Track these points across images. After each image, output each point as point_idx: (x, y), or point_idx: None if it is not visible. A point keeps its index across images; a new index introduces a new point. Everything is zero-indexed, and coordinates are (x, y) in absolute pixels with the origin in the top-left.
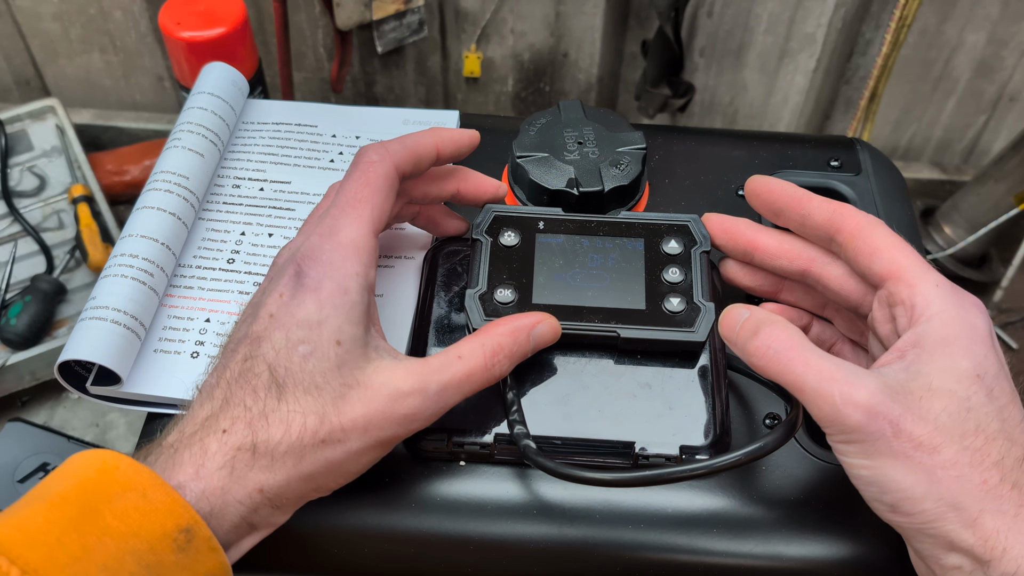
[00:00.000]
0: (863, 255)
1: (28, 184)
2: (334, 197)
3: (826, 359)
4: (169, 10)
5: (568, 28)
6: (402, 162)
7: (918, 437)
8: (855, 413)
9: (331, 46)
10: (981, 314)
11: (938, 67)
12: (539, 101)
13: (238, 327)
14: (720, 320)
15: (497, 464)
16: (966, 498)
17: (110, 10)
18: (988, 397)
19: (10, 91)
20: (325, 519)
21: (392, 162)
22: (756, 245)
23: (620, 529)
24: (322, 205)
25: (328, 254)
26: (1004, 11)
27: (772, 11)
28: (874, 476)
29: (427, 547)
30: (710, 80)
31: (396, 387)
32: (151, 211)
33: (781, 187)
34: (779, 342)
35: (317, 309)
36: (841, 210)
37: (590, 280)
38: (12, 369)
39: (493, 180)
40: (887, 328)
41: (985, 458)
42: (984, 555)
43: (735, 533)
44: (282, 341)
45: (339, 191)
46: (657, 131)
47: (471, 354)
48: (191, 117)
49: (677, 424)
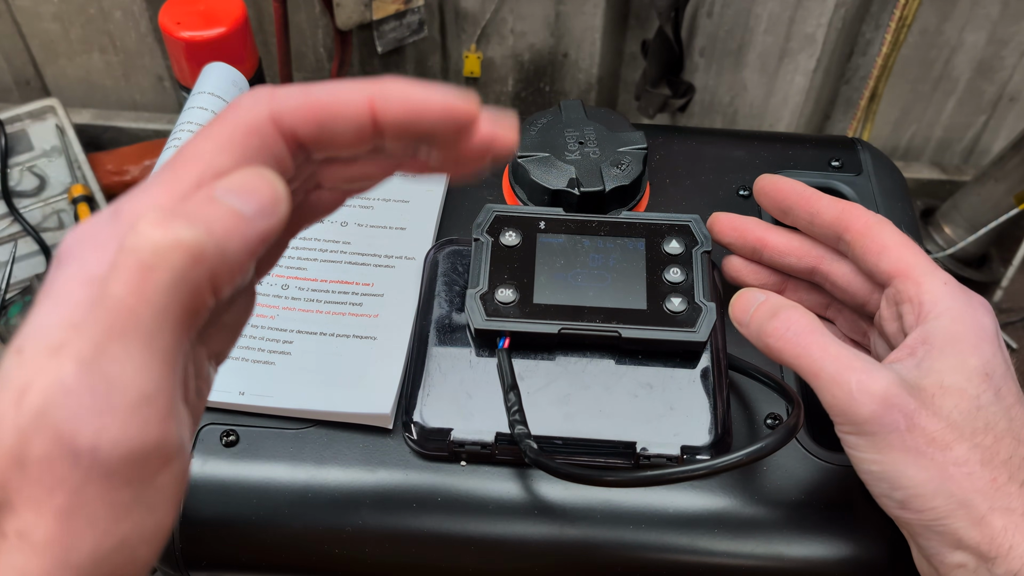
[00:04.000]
0: (871, 253)
1: (28, 184)
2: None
3: (844, 348)
4: (169, 10)
5: (568, 28)
6: (298, 128)
7: (931, 433)
8: (870, 403)
9: (331, 46)
10: (988, 313)
11: (938, 67)
12: (539, 101)
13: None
14: (732, 303)
15: (498, 464)
16: (976, 496)
17: (110, 10)
18: (996, 396)
19: (10, 91)
20: (325, 519)
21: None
22: (765, 243)
23: (621, 529)
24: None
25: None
26: (1004, 11)
27: (772, 11)
28: (885, 471)
29: (427, 547)
30: (710, 80)
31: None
32: None
33: (790, 186)
34: (798, 325)
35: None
36: (849, 209)
37: (591, 280)
38: None
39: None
40: (894, 326)
41: (994, 456)
42: (990, 552)
43: (736, 533)
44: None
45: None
46: (658, 131)
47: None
48: (192, 117)
49: (678, 424)
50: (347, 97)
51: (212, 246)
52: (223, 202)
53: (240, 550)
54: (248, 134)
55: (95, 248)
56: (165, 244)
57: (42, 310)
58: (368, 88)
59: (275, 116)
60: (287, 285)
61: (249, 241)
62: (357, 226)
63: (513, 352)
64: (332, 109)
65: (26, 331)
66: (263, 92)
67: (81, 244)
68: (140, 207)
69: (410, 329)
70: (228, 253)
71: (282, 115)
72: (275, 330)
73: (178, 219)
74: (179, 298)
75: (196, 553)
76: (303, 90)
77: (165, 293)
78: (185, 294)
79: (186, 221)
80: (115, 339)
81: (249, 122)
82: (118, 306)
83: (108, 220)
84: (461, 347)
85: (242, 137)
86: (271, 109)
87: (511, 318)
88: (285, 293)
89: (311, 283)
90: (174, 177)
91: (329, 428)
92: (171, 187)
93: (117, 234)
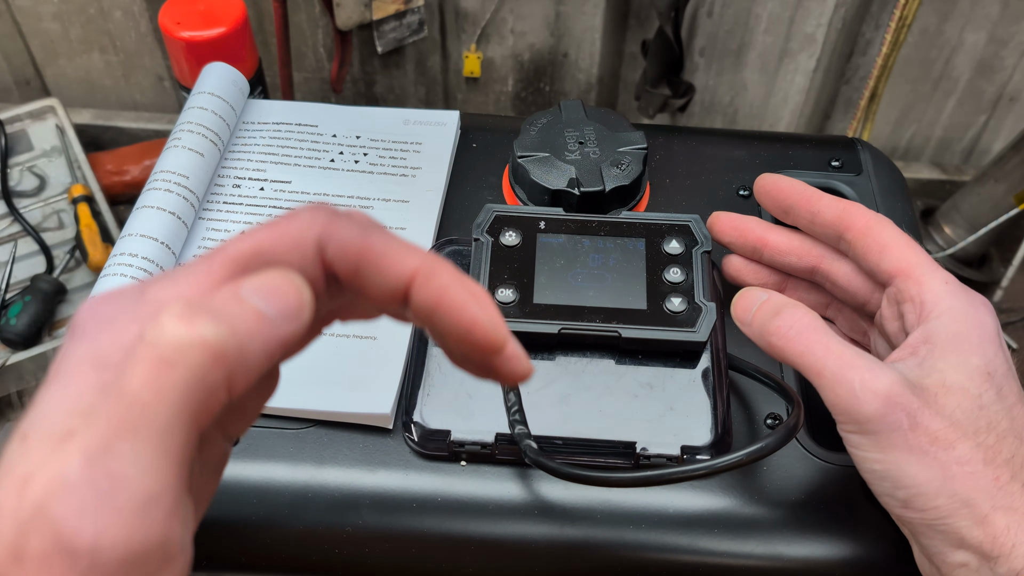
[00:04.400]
0: (872, 252)
1: (28, 184)
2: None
3: (847, 346)
4: (169, 10)
5: (568, 28)
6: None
7: (934, 432)
8: (873, 402)
9: (331, 46)
10: (990, 313)
11: (938, 67)
12: (539, 101)
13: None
14: (734, 302)
15: (498, 464)
16: (978, 495)
17: (110, 10)
18: (998, 395)
19: (10, 91)
20: (325, 519)
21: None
22: (766, 242)
23: (621, 529)
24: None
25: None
26: (1004, 11)
27: (772, 11)
28: (888, 470)
29: (428, 547)
30: (710, 80)
31: None
32: (151, 211)
33: (791, 185)
34: (801, 323)
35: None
36: (850, 208)
37: (591, 280)
38: (12, 369)
39: (412, 253)
40: (895, 326)
41: (997, 455)
42: (992, 551)
43: (736, 533)
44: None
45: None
46: (657, 131)
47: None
48: (191, 117)
49: (678, 424)
50: (395, 258)
51: (233, 346)
52: (248, 301)
53: (240, 550)
54: (291, 248)
55: (112, 328)
56: (187, 341)
57: (50, 392)
58: (419, 261)
59: (323, 242)
60: None
61: (269, 344)
62: None
63: None
64: (376, 263)
65: (33, 415)
66: (323, 214)
67: (97, 321)
68: (166, 295)
69: (410, 329)
70: (248, 354)
71: (329, 245)
72: None
73: (202, 315)
74: (195, 396)
75: (196, 553)
76: (362, 230)
77: (182, 391)
78: (201, 393)
79: (210, 318)
80: (125, 436)
81: (296, 236)
82: (132, 401)
83: (131, 300)
84: None
85: (285, 250)
86: (322, 235)
87: (511, 318)
88: None
89: None
90: (206, 270)
91: (329, 428)
92: (200, 280)
93: (138, 318)
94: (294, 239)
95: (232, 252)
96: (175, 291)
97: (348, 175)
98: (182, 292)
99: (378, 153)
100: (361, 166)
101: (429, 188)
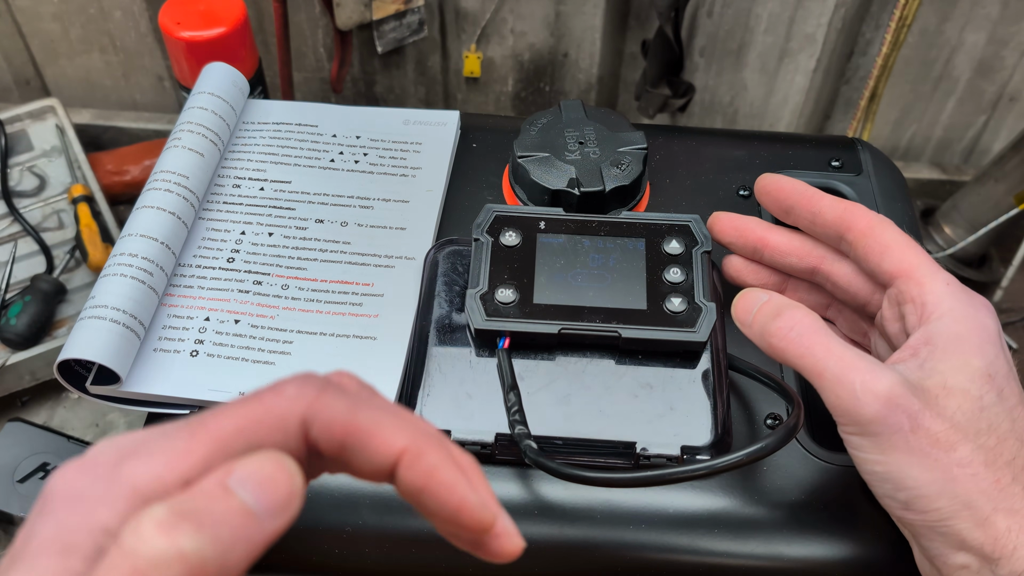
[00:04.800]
0: (873, 253)
1: (28, 184)
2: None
3: (848, 348)
4: (169, 10)
5: (568, 28)
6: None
7: (935, 434)
8: (874, 403)
9: (331, 46)
10: (991, 314)
11: (938, 67)
12: (539, 101)
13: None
14: (735, 303)
15: (498, 464)
16: (980, 497)
17: (110, 10)
18: (999, 397)
19: (10, 91)
20: (325, 519)
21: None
22: (766, 242)
23: (621, 529)
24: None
25: None
26: (1004, 11)
27: (772, 11)
28: (889, 472)
29: (428, 547)
30: (710, 80)
31: None
32: (151, 210)
33: (792, 185)
34: (802, 325)
35: None
36: (851, 209)
37: (591, 280)
38: (12, 369)
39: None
40: (896, 327)
41: (998, 458)
42: (993, 553)
43: (736, 533)
44: None
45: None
46: (658, 131)
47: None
48: (191, 117)
49: (678, 424)
50: (382, 438)
51: (215, 557)
52: (236, 496)
53: None
54: (275, 428)
55: (80, 509)
56: (165, 557)
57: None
58: (406, 440)
59: (308, 421)
60: (287, 285)
61: (254, 546)
62: (357, 226)
63: (513, 352)
64: (362, 441)
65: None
66: (310, 388)
67: (66, 498)
68: (143, 475)
69: (410, 329)
70: (230, 560)
71: (314, 423)
72: (275, 330)
73: (184, 524)
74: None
75: None
76: (350, 406)
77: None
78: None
79: (192, 527)
80: None
81: (281, 415)
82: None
83: (105, 477)
84: (461, 347)
85: (268, 429)
86: (307, 413)
87: (511, 318)
88: (285, 293)
89: (311, 283)
90: (185, 448)
91: None
92: (180, 458)
93: (110, 500)
94: (278, 418)
95: (214, 429)
96: (152, 470)
97: (348, 175)
98: (159, 473)
99: (378, 153)
100: (361, 166)
101: (429, 188)
